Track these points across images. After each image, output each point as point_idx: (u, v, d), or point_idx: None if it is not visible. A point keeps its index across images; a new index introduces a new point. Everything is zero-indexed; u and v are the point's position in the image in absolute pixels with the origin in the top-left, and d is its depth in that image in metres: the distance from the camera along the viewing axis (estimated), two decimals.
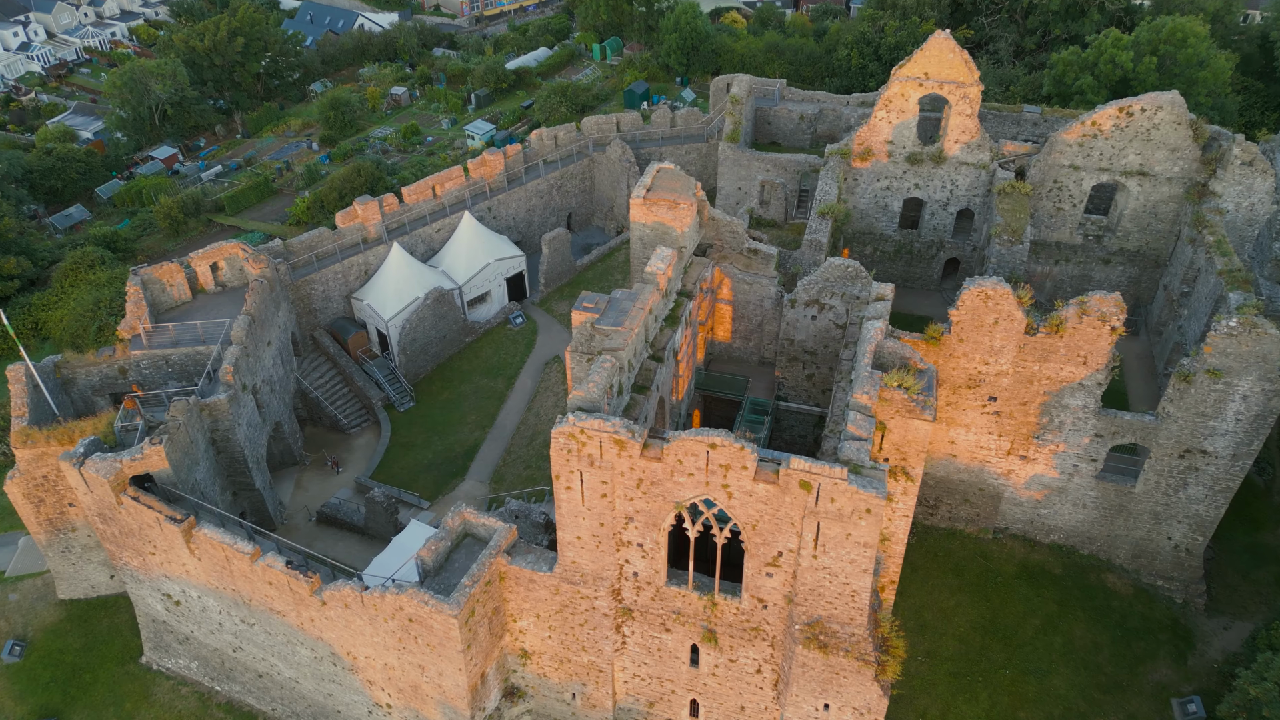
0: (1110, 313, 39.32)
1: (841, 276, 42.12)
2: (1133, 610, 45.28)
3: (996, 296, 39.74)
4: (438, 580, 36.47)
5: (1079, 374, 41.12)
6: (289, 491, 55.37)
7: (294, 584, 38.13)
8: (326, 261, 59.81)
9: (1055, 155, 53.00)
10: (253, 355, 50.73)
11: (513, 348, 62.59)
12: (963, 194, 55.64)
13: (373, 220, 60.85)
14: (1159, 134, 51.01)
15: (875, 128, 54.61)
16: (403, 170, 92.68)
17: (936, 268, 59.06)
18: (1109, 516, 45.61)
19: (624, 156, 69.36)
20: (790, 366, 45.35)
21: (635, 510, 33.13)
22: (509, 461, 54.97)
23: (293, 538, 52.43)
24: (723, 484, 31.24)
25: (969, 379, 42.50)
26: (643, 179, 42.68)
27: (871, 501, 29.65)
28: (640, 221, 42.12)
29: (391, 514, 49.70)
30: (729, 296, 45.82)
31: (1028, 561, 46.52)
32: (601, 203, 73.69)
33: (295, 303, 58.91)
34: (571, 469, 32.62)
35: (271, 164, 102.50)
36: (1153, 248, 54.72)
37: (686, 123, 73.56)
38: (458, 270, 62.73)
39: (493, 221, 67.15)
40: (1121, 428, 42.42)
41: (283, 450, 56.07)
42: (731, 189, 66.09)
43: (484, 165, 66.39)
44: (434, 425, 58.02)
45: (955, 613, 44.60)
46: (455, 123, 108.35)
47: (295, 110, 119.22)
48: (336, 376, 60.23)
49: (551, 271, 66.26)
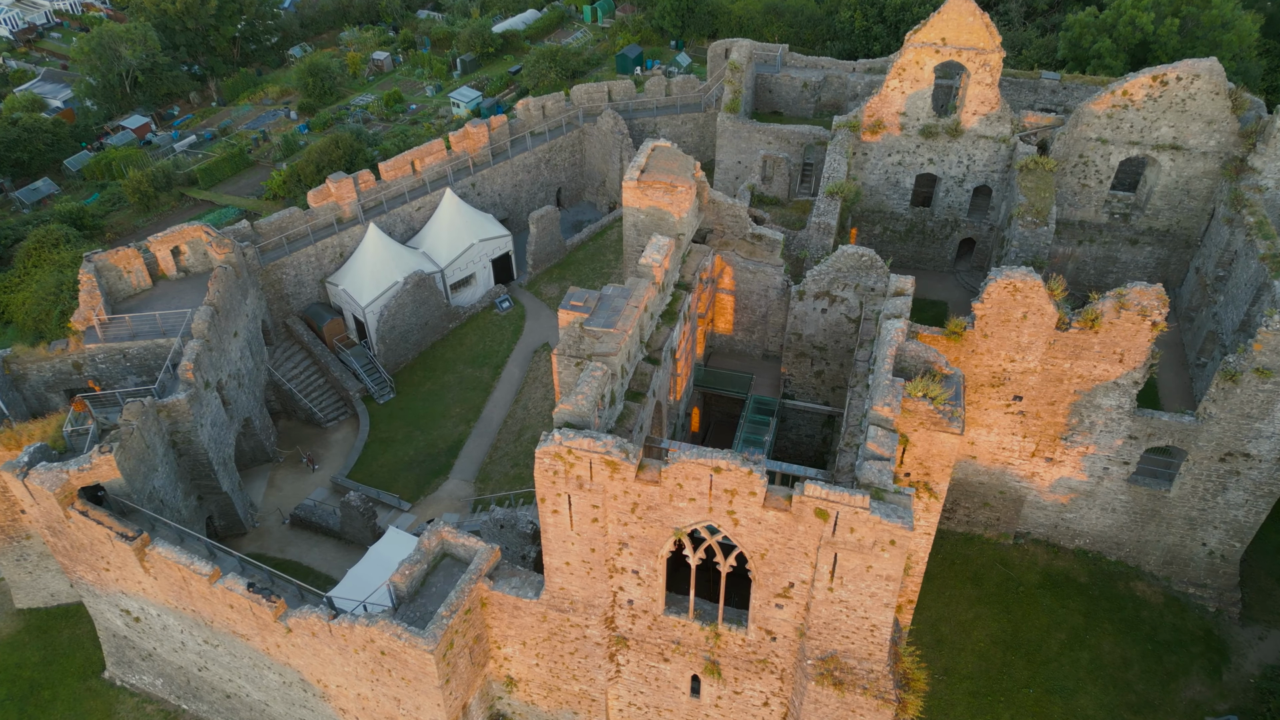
0: (1151, 306, 35.78)
1: (855, 266, 38.44)
2: (1163, 621, 42.27)
3: (1026, 289, 36.15)
4: (413, 607, 33.15)
5: (1114, 372, 37.67)
6: (261, 491, 51.96)
7: (256, 609, 34.82)
8: (298, 244, 55.87)
9: (1082, 128, 49.13)
10: (217, 349, 47.04)
11: (499, 334, 58.91)
12: (980, 170, 51.80)
13: (347, 199, 56.83)
14: (1195, 104, 47.16)
15: (887, 98, 50.59)
16: (384, 141, 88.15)
17: (950, 248, 55.36)
18: (1140, 522, 42.43)
19: (616, 128, 65.20)
20: (798, 363, 41.83)
21: (630, 536, 29.75)
22: (495, 459, 51.55)
23: (265, 542, 49.26)
24: (728, 510, 27.85)
25: (992, 377, 39.03)
26: (636, 159, 38.82)
27: (896, 533, 26.29)
28: (634, 206, 38.30)
29: (369, 519, 46.37)
30: (731, 286, 42.15)
31: (1051, 569, 43.41)
32: (593, 177, 69.58)
33: (265, 289, 55.06)
34: (558, 491, 29.17)
35: (247, 134, 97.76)
36: (1184, 227, 51.06)
37: (682, 91, 69.30)
38: (439, 252, 58.80)
39: (477, 199, 63.10)
40: (1158, 429, 39.07)
41: (254, 447, 52.56)
42: (731, 163, 62.12)
43: (467, 138, 62.21)
44: (415, 419, 54.51)
45: (974, 626, 41.54)
46: (440, 89, 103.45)
47: (273, 76, 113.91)
48: (311, 367, 56.58)
49: (540, 252, 62.36)
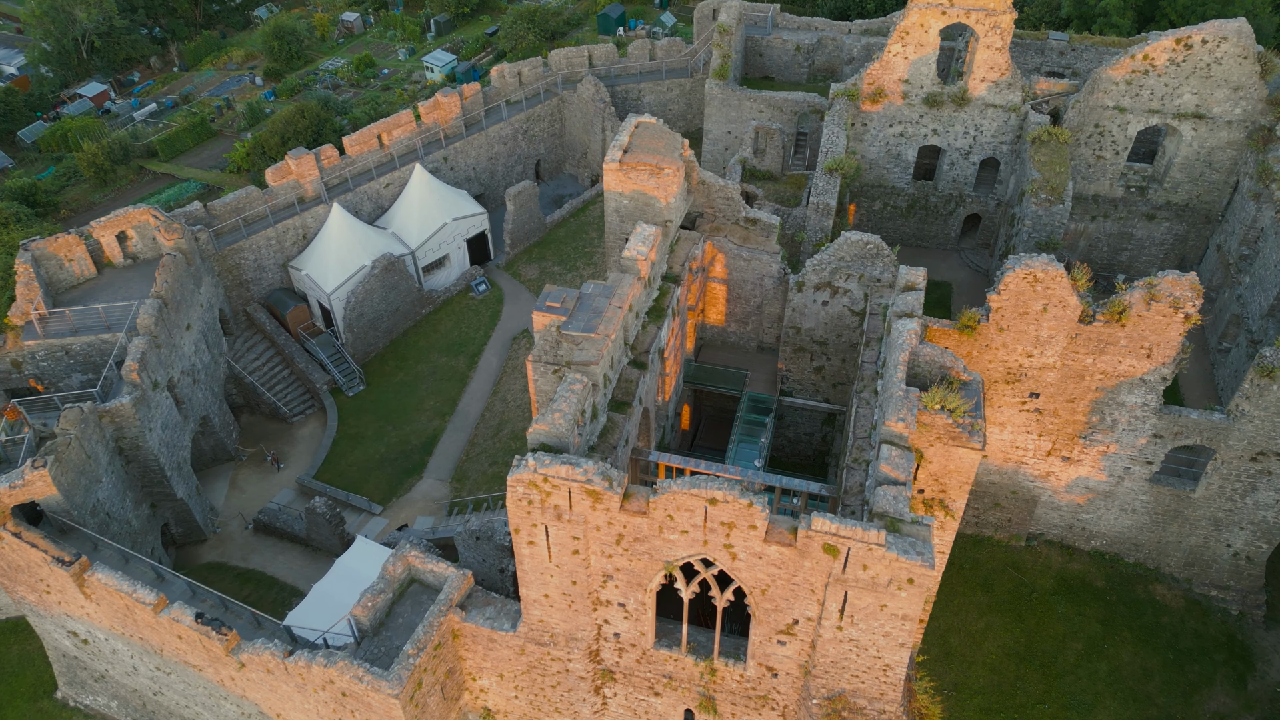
0: (1184, 297, 32.64)
1: (859, 255, 35.09)
2: (1185, 627, 39.76)
3: (1047, 279, 32.91)
4: (377, 642, 30.12)
5: (1141, 368, 34.62)
6: (223, 493, 48.65)
7: (206, 642, 31.73)
8: (257, 226, 51.97)
9: (1098, 95, 45.61)
10: (166, 345, 43.43)
11: (475, 320, 55.37)
12: (988, 141, 48.28)
13: (309, 177, 52.85)
14: (1220, 69, 43.69)
15: (888, 64, 46.86)
16: (354, 109, 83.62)
17: (955, 225, 51.99)
18: (1161, 522, 39.71)
19: (598, 95, 61.17)
20: (796, 358, 38.62)
21: (615, 569, 26.70)
22: (472, 456, 48.33)
23: (226, 549, 46.09)
24: (725, 543, 24.79)
25: (1007, 373, 35.93)
26: (618, 137, 35.18)
27: (915, 571, 23.31)
28: (617, 190, 34.74)
29: (336, 526, 43.20)
30: (723, 275, 38.78)
31: (1066, 573, 40.75)
32: (573, 148, 65.65)
33: (222, 275, 51.26)
34: (534, 522, 26.03)
35: (210, 101, 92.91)
36: (1204, 201, 47.82)
37: (668, 55, 65.18)
38: (410, 232, 55.01)
39: (449, 173, 59.17)
40: (1186, 428, 36.15)
41: (214, 446, 49.15)
42: (720, 133, 58.37)
43: (438, 109, 58.12)
44: (387, 412, 51.14)
45: (985, 636, 38.91)
46: (413, 53, 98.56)
47: (238, 39, 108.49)
48: (275, 358, 52.96)
49: (518, 230, 58.63)
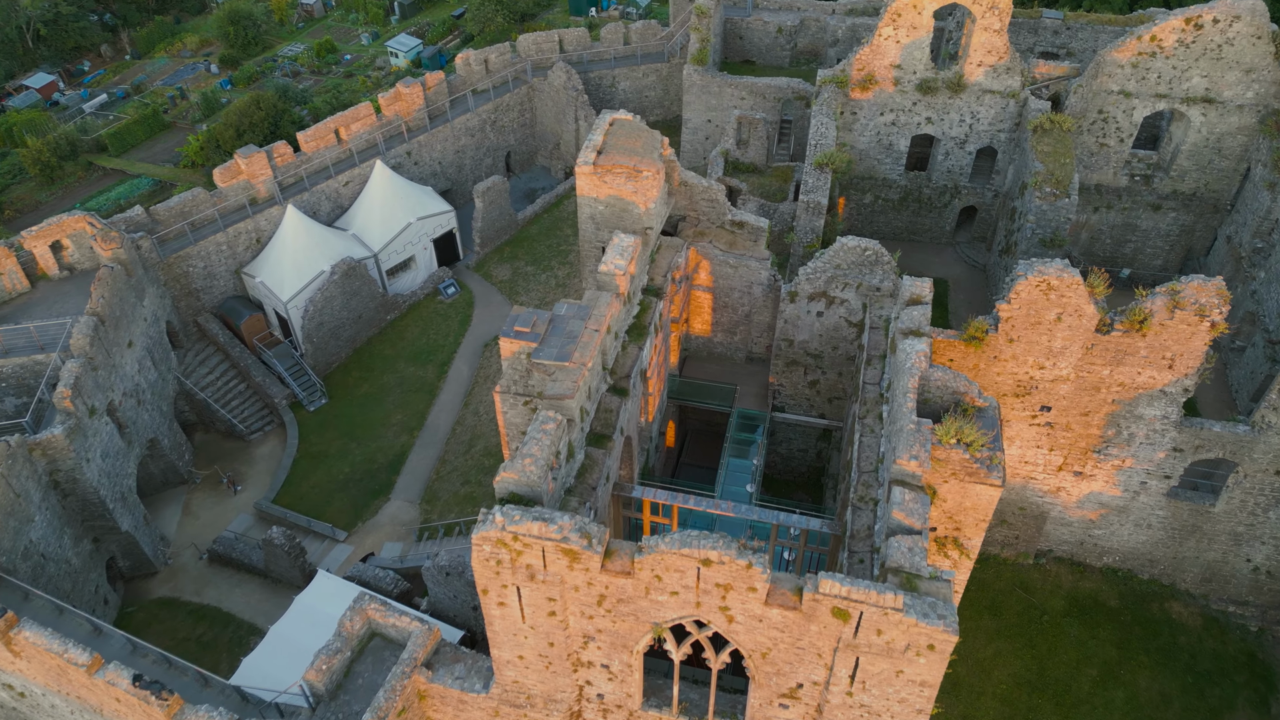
0: (1210, 304, 30.06)
1: (857, 263, 32.22)
2: (1203, 647, 37.53)
3: (1062, 287, 30.21)
4: (335, 707, 27.15)
5: (1162, 379, 32.07)
6: (175, 520, 45.40)
7: (146, 707, 28.67)
8: (205, 230, 48.40)
9: (1102, 79, 42.86)
10: (105, 366, 40.02)
11: (444, 326, 52.13)
12: (985, 129, 45.46)
13: (261, 176, 49.27)
14: (1232, 51, 41.03)
15: (879, 49, 43.85)
16: (315, 98, 79.72)
17: (950, 218, 49.23)
18: (1177, 538, 37.37)
19: (570, 83, 57.79)
20: (789, 371, 35.79)
21: (597, 630, 23.86)
22: (443, 474, 45.30)
23: (179, 582, 42.94)
24: (720, 605, 22.00)
25: (1017, 386, 33.29)
26: (591, 136, 32.03)
27: (936, 637, 20.61)
28: (591, 196, 31.64)
29: (296, 557, 40.12)
30: (708, 283, 35.81)
31: (1077, 592, 38.38)
32: (545, 139, 62.27)
33: (169, 284, 47.71)
34: (504, 583, 23.11)
35: (163, 91, 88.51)
36: (1212, 190, 45.29)
37: (643, 38, 61.81)
38: (372, 233, 51.61)
39: (414, 169, 55.71)
40: (1208, 441, 33.68)
41: (165, 469, 45.82)
42: (700, 121, 55.26)
43: (399, 100, 54.54)
44: (351, 428, 47.95)
45: (994, 665, 36.49)
46: (377, 37, 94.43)
47: (192, 25, 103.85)
48: (230, 371, 49.55)
49: (488, 229, 55.33)
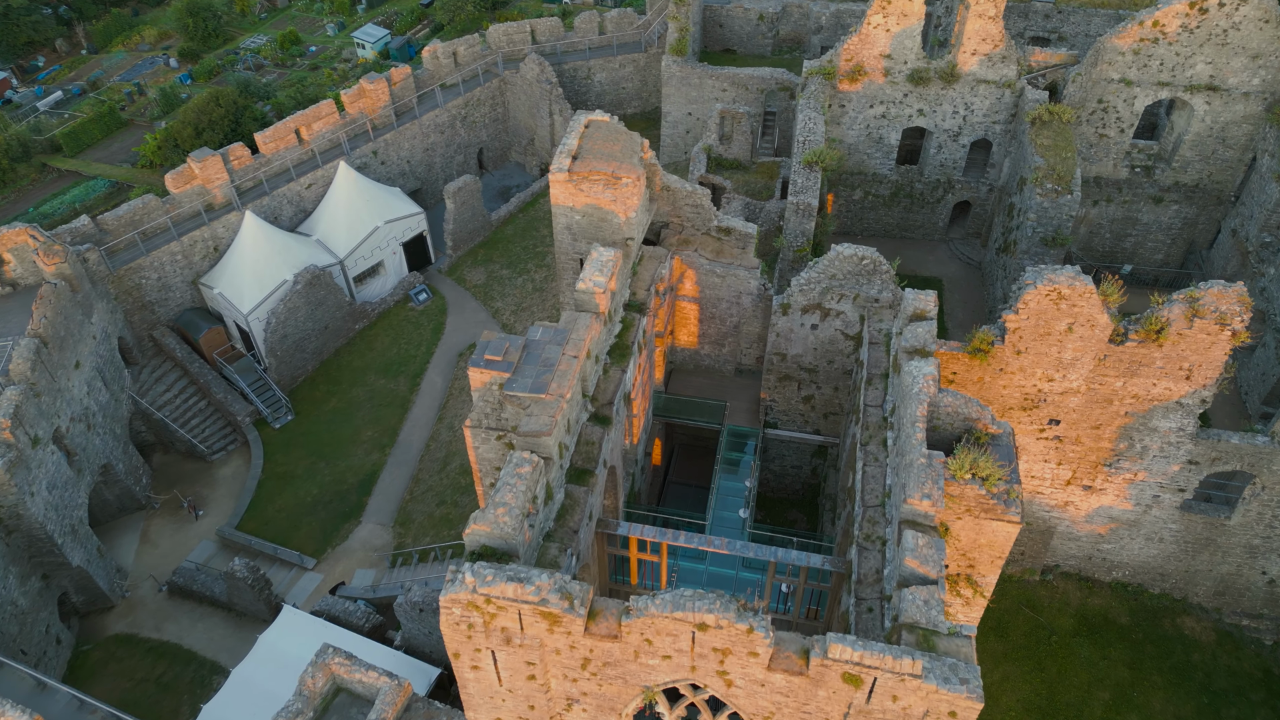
0: (1231, 312, 28.14)
1: (853, 272, 30.04)
2: (1218, 664, 35.88)
3: (1074, 296, 28.18)
4: None
5: (1178, 390, 30.16)
6: (132, 549, 42.87)
7: None
8: (158, 240, 45.61)
9: (1102, 67, 40.79)
10: (49, 391, 37.36)
11: (416, 335, 49.64)
12: (979, 121, 43.34)
13: (217, 181, 46.48)
14: (1238, 36, 39.05)
15: (868, 38, 41.57)
16: (279, 93, 76.58)
17: (943, 214, 47.13)
18: (1190, 551, 35.63)
19: (543, 76, 55.18)
20: (781, 386, 33.64)
21: (582, 693, 21.70)
22: (417, 495, 42.97)
23: (138, 616, 40.48)
24: (718, 669, 19.89)
25: (1024, 399, 31.32)
26: (565, 140, 29.61)
27: (959, 704, 18.57)
28: (567, 205, 29.27)
29: (261, 590, 37.72)
30: (694, 293, 33.55)
31: (1086, 609, 36.61)
32: (519, 134, 59.66)
33: (120, 298, 44.96)
34: (476, 647, 20.88)
35: (120, 87, 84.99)
36: (1216, 181, 43.42)
37: (619, 27, 59.21)
38: (337, 238, 48.97)
39: (380, 169, 53.00)
40: (1225, 453, 31.85)
41: (120, 495, 43.24)
42: (680, 114, 52.88)
43: (363, 97, 51.76)
44: (319, 446, 45.46)
45: (1002, 690, 34.68)
46: (343, 28, 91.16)
47: (150, 17, 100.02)
48: (189, 388, 46.88)
49: (460, 231, 52.76)
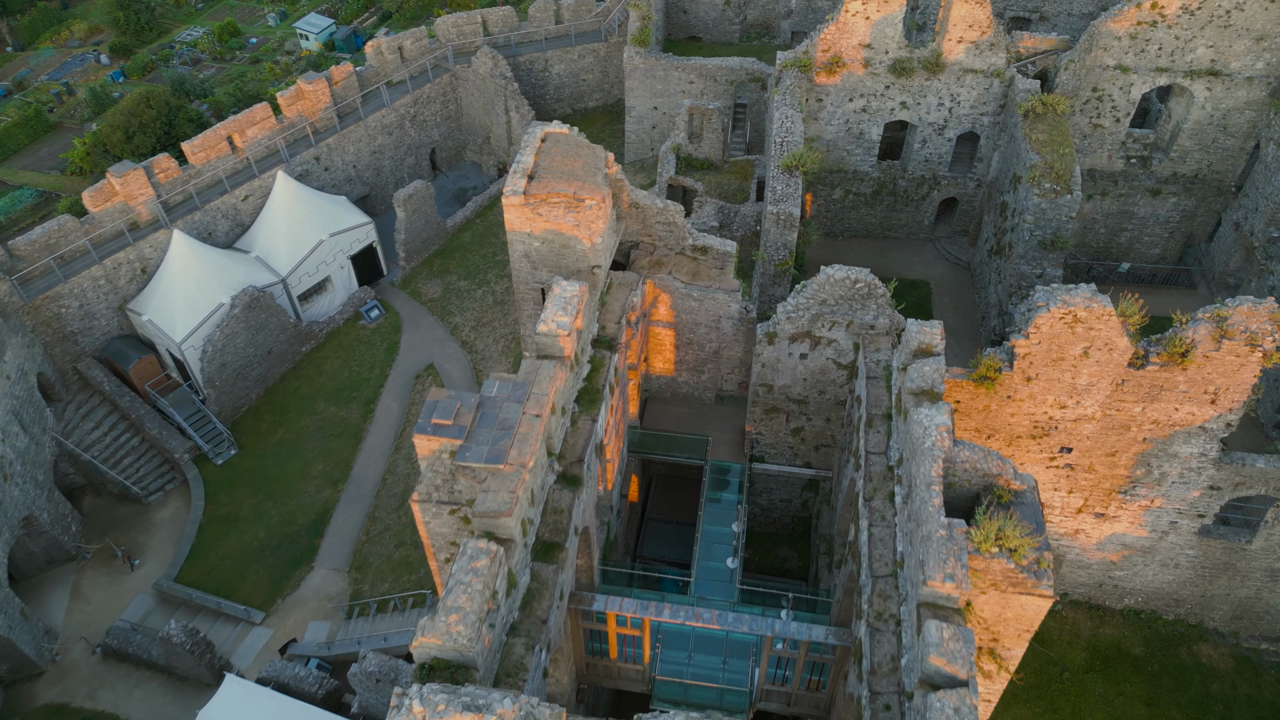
0: (1263, 332, 25.56)
1: (845, 296, 27.05)
2: (1237, 694, 33.71)
3: (1090, 319, 25.44)
4: None
5: (1202, 415, 27.61)
6: (63, 607, 39.13)
7: None
8: (78, 264, 41.53)
9: (1097, 53, 38.05)
10: None
11: (368, 355, 46.04)
12: (966, 113, 40.47)
13: (140, 196, 42.44)
14: (1242, 17, 36.44)
15: (846, 27, 38.46)
16: (216, 90, 71.97)
17: (928, 211, 44.31)
18: (1208, 576, 33.32)
19: (496, 70, 51.48)
20: (768, 419, 30.66)
21: None
22: (373, 535, 39.60)
23: (69, 683, 36.87)
24: None
25: (1034, 427, 28.64)
26: (520, 157, 26.24)
27: None
28: (524, 231, 25.94)
29: (202, 654, 34.31)
30: (669, 318, 30.41)
31: (1098, 641, 34.24)
32: (474, 132, 55.92)
33: (38, 330, 40.93)
34: None
35: (47, 87, 79.83)
36: (1216, 171, 40.96)
37: (576, 15, 55.53)
38: (278, 255, 45.12)
39: (324, 176, 49.08)
40: (1249, 477, 29.42)
41: (47, 546, 39.45)
42: (645, 109, 49.55)
43: (301, 99, 47.76)
44: (265, 483, 41.88)
45: None
46: (285, 17, 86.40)
47: (80, 10, 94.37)
48: (120, 424, 42.99)
49: (413, 240, 49.09)
